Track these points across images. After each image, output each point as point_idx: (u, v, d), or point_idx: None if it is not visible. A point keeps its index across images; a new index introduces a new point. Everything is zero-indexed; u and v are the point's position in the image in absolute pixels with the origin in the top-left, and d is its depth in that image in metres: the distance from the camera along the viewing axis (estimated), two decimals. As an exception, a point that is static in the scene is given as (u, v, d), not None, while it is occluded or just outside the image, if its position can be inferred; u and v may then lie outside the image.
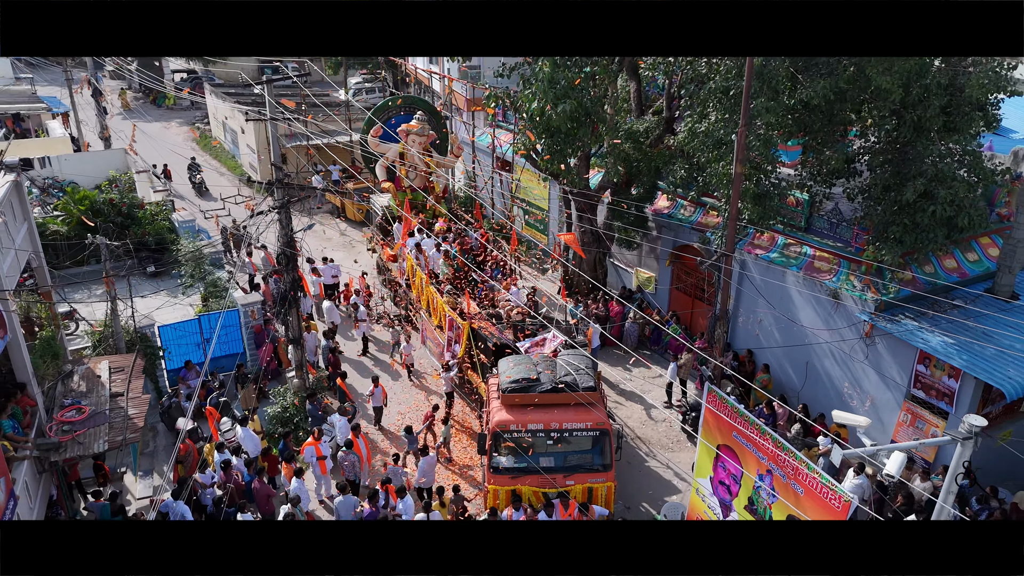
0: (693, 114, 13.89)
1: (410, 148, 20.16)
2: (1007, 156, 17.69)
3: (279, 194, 13.79)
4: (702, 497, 11.21)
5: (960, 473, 7.69)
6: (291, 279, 14.48)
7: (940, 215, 12.42)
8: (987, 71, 12.09)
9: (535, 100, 13.89)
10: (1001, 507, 12.45)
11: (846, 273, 14.41)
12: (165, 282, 20.35)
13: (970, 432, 7.24)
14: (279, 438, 13.78)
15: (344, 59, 43.49)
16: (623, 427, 15.11)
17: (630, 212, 17.47)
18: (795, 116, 12.96)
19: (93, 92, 28.56)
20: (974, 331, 12.99)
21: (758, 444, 9.65)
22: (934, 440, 8.89)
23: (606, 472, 11.91)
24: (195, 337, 15.99)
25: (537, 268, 22.35)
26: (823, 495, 8.69)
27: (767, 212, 13.95)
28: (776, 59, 11.83)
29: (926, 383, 13.23)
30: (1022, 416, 13.98)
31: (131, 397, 11.69)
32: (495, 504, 11.72)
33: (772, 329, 16.07)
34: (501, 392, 12.22)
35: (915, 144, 12.66)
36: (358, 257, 23.48)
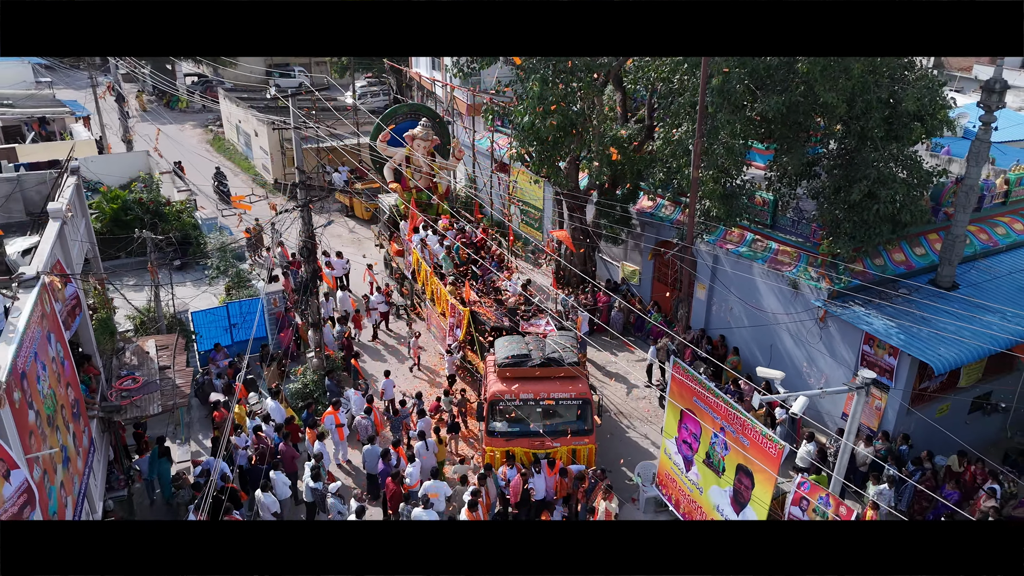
0: (666, 125, 15.68)
1: (415, 152, 21.94)
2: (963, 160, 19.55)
3: (301, 195, 15.57)
4: (669, 455, 13.01)
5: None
6: (311, 270, 16.28)
7: (883, 212, 14.19)
8: (920, 88, 13.87)
9: (526, 115, 15.72)
10: (933, 468, 14.24)
11: (804, 265, 16.20)
12: (189, 274, 22.21)
13: (863, 383, 9.01)
14: (302, 409, 15.60)
15: (350, 63, 45.32)
16: (602, 399, 16.86)
17: (616, 211, 19.27)
18: (755, 127, 14.75)
19: (116, 97, 30.32)
20: (914, 316, 14.77)
21: (713, 406, 11.44)
22: (835, 389, 10.61)
23: (588, 436, 13.73)
24: (223, 322, 17.81)
25: (532, 262, 24.17)
26: (763, 444, 10.47)
27: (733, 211, 15.73)
28: (736, 77, 13.60)
29: (871, 361, 15.02)
30: (959, 392, 15.75)
31: (177, 370, 13.50)
32: (491, 462, 13.52)
33: (741, 316, 17.85)
34: (497, 367, 14.04)
35: (861, 151, 14.44)
36: (366, 252, 25.28)
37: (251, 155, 34.68)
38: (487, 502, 12.93)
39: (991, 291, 16.06)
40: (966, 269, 16.71)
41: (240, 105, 34.99)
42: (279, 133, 30.74)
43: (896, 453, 14.50)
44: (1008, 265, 17.21)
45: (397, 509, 13.13)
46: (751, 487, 10.94)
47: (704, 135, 14.58)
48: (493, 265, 19.11)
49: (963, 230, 15.60)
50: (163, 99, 47.55)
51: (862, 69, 13.24)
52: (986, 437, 16.31)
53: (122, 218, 21.81)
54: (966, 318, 14.42)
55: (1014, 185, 18.38)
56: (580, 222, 20.05)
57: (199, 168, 30.97)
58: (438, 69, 33.55)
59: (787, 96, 13.55)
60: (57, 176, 13.56)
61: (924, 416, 14.97)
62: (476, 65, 16.93)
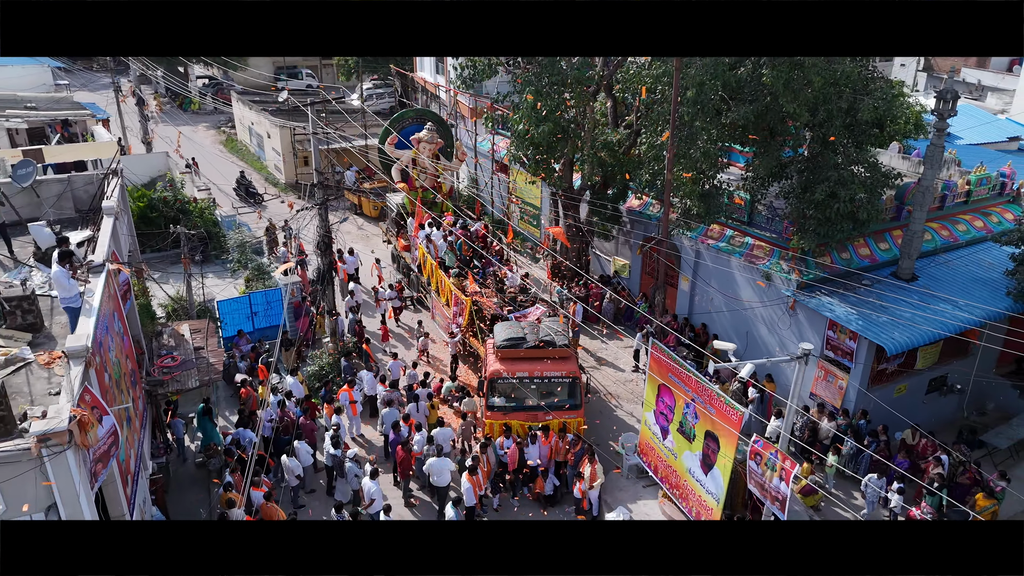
0: (648, 131, 17.26)
1: (421, 154, 23.53)
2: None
3: (319, 194, 17.18)
4: (649, 426, 14.59)
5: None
6: (327, 262, 17.88)
7: (843, 211, 15.72)
8: (877, 97, 15.39)
9: (521, 123, 17.30)
10: (887, 440, 15.79)
11: (777, 259, 17.75)
12: (210, 267, 23.83)
13: (803, 354, 10.58)
14: (319, 389, 17.22)
15: (357, 67, 46.85)
16: (591, 379, 18.46)
17: (607, 209, 20.84)
18: (730, 132, 16.31)
19: (137, 101, 31.96)
20: (874, 304, 16.32)
21: (685, 379, 13.02)
22: (779, 358, 12.20)
23: (577, 410, 15.33)
24: (246, 310, 19.43)
25: (531, 256, 25.77)
26: (726, 411, 12.04)
27: (711, 209, 17.29)
28: (711, 88, 15.15)
29: (834, 345, 16.58)
30: (916, 374, 17.31)
31: (210, 350, 15.12)
32: (490, 434, 15.12)
33: (721, 305, 19.42)
34: (496, 349, 15.64)
35: (824, 155, 15.99)
36: (374, 248, 26.89)
37: (263, 156, 36.28)
38: (487, 469, 14.53)
39: (948, 283, 17.58)
40: (927, 263, 18.26)
41: (253, 108, 36.58)
42: (291, 135, 32.37)
43: (856, 427, 16.07)
44: (966, 259, 18.72)
45: (407, 474, 14.76)
46: (717, 450, 12.51)
47: (679, 141, 16.14)
48: (494, 259, 20.70)
49: (921, 227, 17.12)
50: (176, 101, 49.19)
51: (823, 81, 14.78)
52: (942, 415, 17.88)
53: (148, 215, 23.45)
54: (920, 306, 15.97)
55: (975, 185, 19.92)
56: (574, 220, 21.62)
57: (219, 169, 32.56)
58: (441, 73, 35.14)
59: (755, 105, 15.11)
60: (103, 177, 15.18)
61: (883, 395, 16.54)
62: (477, 77, 18.50)
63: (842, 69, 15.23)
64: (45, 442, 7.05)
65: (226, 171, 32.69)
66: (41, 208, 14.74)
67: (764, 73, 14.40)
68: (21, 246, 13.66)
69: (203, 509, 14.55)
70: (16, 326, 10.56)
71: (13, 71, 42.26)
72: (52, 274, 9.77)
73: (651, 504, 14.51)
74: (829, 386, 16.85)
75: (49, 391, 9.24)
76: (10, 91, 39.47)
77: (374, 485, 13.58)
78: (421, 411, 15.79)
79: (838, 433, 15.79)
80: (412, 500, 15.02)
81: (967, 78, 49.05)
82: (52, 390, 9.22)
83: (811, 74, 14.61)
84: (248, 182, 31.43)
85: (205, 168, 32.57)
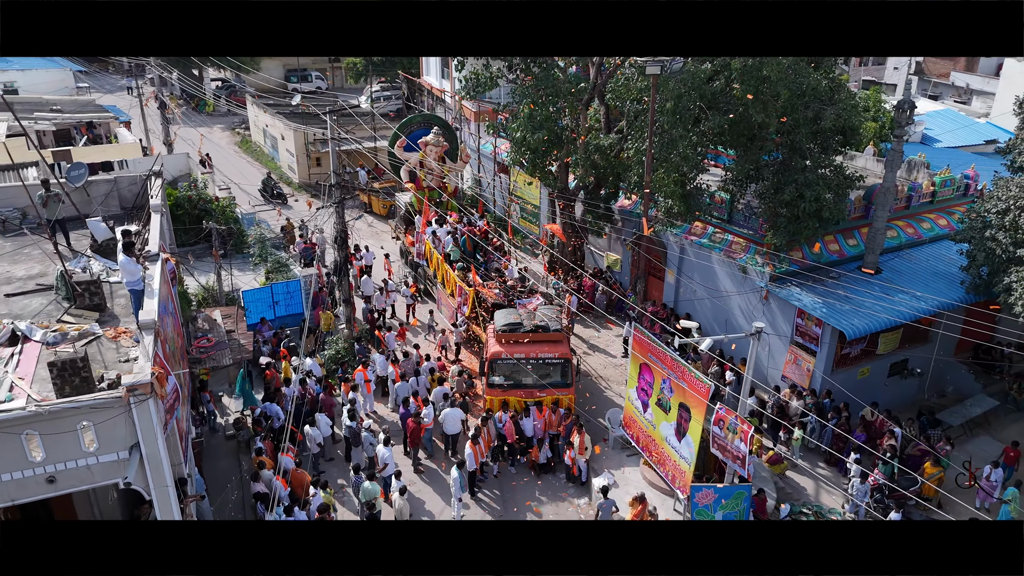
0: (634, 137, 19.00)
1: (428, 156, 25.29)
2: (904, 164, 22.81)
3: (336, 194, 18.96)
4: (631, 402, 16.33)
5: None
6: (343, 256, 19.67)
7: (808, 210, 17.42)
8: (838, 108, 17.08)
9: (519, 131, 19.07)
10: (848, 417, 17.48)
11: (753, 254, 19.45)
12: (231, 260, 25.63)
13: (755, 331, 12.32)
14: (335, 370, 19.01)
15: (366, 70, 48.65)
16: (582, 361, 20.23)
17: (600, 208, 22.57)
18: (709, 139, 18.02)
19: (160, 105, 33.78)
20: (839, 295, 18.02)
21: (662, 357, 14.75)
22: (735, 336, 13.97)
23: (568, 388, 17.09)
24: (268, 300, 21.24)
25: (530, 252, 27.53)
26: (696, 384, 13.76)
27: (691, 208, 19.02)
28: (689, 99, 16.86)
29: (802, 331, 18.30)
30: (878, 358, 19.00)
31: (240, 333, 16.92)
32: (490, 408, 16.89)
33: (704, 296, 21.15)
34: (496, 333, 17.40)
35: (791, 160, 17.69)
36: (383, 244, 28.68)
37: (278, 157, 38.11)
38: (488, 439, 16.30)
39: (909, 275, 19.29)
40: (892, 257, 19.96)
41: (267, 111, 38.39)
42: (305, 137, 34.19)
43: (820, 405, 17.79)
44: (928, 254, 20.42)
45: (416, 444, 16.55)
46: (689, 419, 14.25)
47: (661, 147, 17.83)
48: (495, 253, 22.47)
49: (883, 225, 18.82)
50: (192, 103, 51.06)
51: (789, 94, 16.47)
52: (903, 397, 19.59)
53: (175, 213, 25.23)
54: (880, 297, 17.67)
55: (940, 187, 21.60)
56: (570, 218, 23.37)
57: (238, 169, 34.35)
58: (447, 78, 36.91)
59: (729, 116, 16.83)
60: (146, 178, 16.98)
61: (847, 377, 18.28)
62: (480, 88, 20.26)
63: (807, 82, 16.94)
64: (133, 392, 8.83)
65: (243, 170, 34.52)
66: (91, 205, 16.54)
67: (735, 87, 16.10)
68: (76, 239, 15.47)
69: (234, 475, 16.34)
70: (85, 306, 12.37)
71: (37, 74, 44.28)
72: (120, 261, 11.55)
73: (633, 471, 16.26)
74: (798, 368, 18.58)
75: (118, 359, 11.04)
76: (36, 94, 41.45)
77: (387, 451, 15.39)
78: (422, 384, 17.61)
79: (804, 411, 17.53)
80: (420, 468, 16.81)
81: (956, 82, 50.61)
82: (120, 359, 11.02)
83: (779, 87, 16.30)
84: (274, 183, 33.24)
85: (224, 167, 34.36)
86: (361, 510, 14.79)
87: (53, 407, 8.64)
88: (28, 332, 11.47)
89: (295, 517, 13.33)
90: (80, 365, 9.76)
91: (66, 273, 12.40)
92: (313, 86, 57.99)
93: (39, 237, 15.23)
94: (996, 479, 15.77)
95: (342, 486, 16.17)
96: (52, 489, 9.09)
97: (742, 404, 13.54)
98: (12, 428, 8.58)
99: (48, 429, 8.70)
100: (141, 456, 9.17)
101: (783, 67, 16.48)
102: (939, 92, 51.25)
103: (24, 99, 39.70)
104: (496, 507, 15.90)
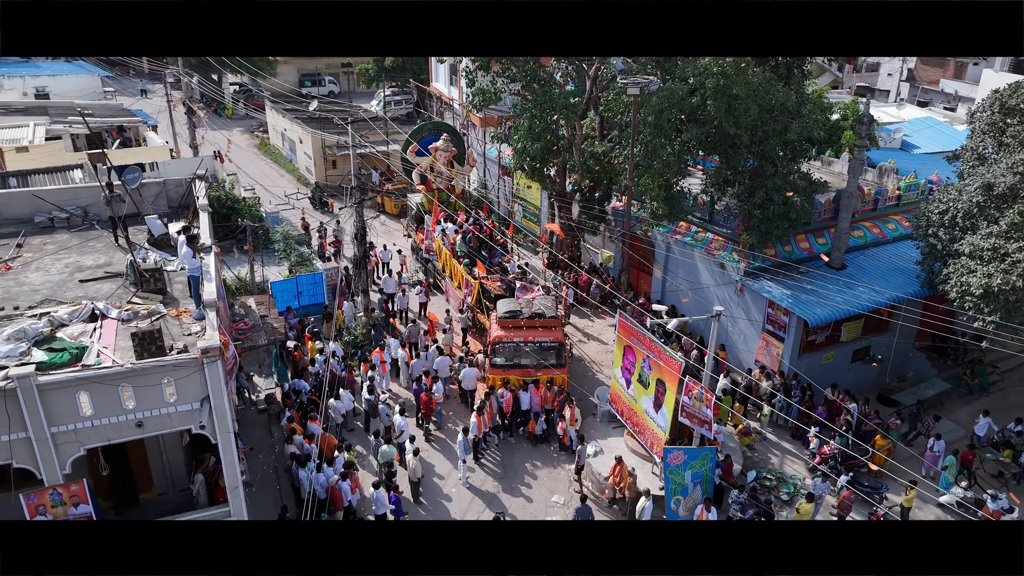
0: (622, 147, 21.19)
1: (437, 160, 27.54)
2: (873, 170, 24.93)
3: (356, 196, 21.21)
4: (617, 380, 18.52)
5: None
6: (362, 251, 21.94)
7: (776, 211, 19.56)
8: (803, 122, 19.21)
9: (519, 142, 21.32)
10: (811, 395, 19.60)
11: (730, 251, 21.60)
12: (258, 254, 27.93)
13: (715, 314, 14.48)
14: (354, 354, 21.28)
15: (377, 75, 50.88)
16: (574, 346, 22.44)
17: (595, 209, 24.77)
18: (689, 148, 20.19)
19: (187, 111, 36.15)
20: (806, 288, 20.15)
21: (642, 339, 16.94)
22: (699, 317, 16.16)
23: (561, 368, 19.30)
24: (293, 290, 23.52)
25: (531, 249, 29.76)
26: (669, 362, 15.94)
27: (675, 210, 21.18)
28: (668, 114, 19.03)
29: (772, 320, 20.45)
30: (841, 345, 21.12)
31: (272, 318, 19.19)
32: (493, 384, 19.12)
33: (687, 289, 23.30)
34: (498, 319, 19.62)
35: (763, 167, 19.83)
36: (395, 241, 30.95)
37: (295, 159, 40.44)
38: (491, 411, 18.52)
39: (872, 271, 21.39)
40: (857, 255, 22.08)
41: (286, 116, 40.72)
42: (322, 141, 36.49)
43: (787, 386, 19.93)
44: (892, 252, 22.52)
45: (428, 415, 18.79)
46: (664, 392, 16.43)
47: (644, 155, 19.99)
48: (498, 249, 24.71)
49: (847, 225, 20.94)
50: (211, 107, 53.45)
51: (759, 109, 18.62)
52: (865, 380, 21.69)
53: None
54: (843, 289, 19.79)
55: (904, 191, 23.71)
56: (567, 218, 25.57)
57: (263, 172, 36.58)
58: (455, 86, 39.14)
59: (706, 128, 19.02)
60: (191, 180, 19.26)
61: (813, 362, 20.40)
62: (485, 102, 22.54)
63: (776, 98, 19.09)
64: (206, 354, 11.07)
65: (263, 171, 36.80)
66: (144, 204, 18.83)
67: (709, 104, 18.27)
68: (132, 234, 17.75)
69: (266, 443, 18.59)
70: (150, 290, 14.66)
71: (68, 80, 46.78)
72: (183, 253, 13.80)
73: (617, 440, 18.43)
74: (769, 353, 20.73)
75: (181, 333, 13.30)
76: (68, 99, 43.87)
77: (402, 420, 17.65)
78: (431, 359, 19.88)
79: (772, 390, 19.69)
80: (431, 437, 19.06)
81: (945, 88, 52.53)
82: (184, 333, 13.29)
83: (749, 103, 18.45)
84: (322, 192, 35.43)
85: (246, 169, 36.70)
86: (380, 470, 17.03)
87: (145, 365, 10.91)
88: (105, 311, 13.77)
89: (324, 473, 15.57)
90: (156, 336, 12.04)
91: (135, 262, 14.69)
92: (326, 90, 60.39)
93: (101, 231, 17.58)
94: (939, 450, 17.88)
95: (362, 453, 18.42)
96: (139, 432, 11.36)
97: (706, 376, 15.70)
98: (112, 382, 10.85)
99: (139, 383, 10.97)
100: (210, 407, 11.42)
101: (753, 85, 18.64)
102: (929, 98, 53.14)
103: (57, 103, 42.15)
104: (497, 471, 18.14)
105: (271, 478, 17.33)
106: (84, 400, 10.78)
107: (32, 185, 23.59)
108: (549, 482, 17.83)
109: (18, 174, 25.24)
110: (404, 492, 16.77)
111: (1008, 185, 16.11)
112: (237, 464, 12.14)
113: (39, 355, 12.05)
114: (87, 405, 10.81)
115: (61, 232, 17.82)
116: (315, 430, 17.04)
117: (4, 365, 11.69)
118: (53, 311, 13.60)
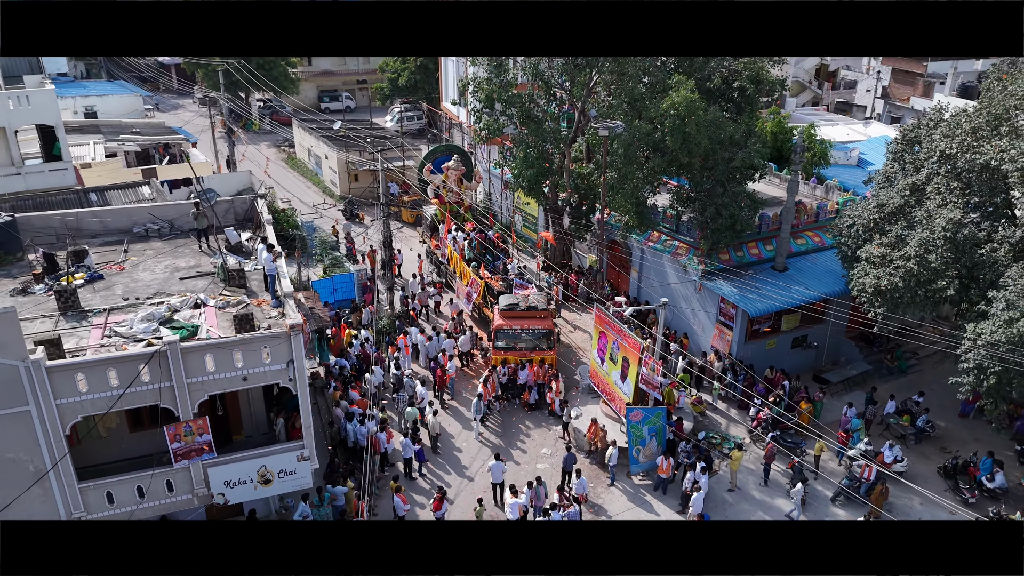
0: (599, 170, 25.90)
1: (449, 178, 32.29)
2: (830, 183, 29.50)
3: (384, 209, 25.92)
4: (594, 358, 23.15)
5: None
6: (388, 255, 26.65)
7: (724, 224, 24.12)
8: (746, 152, 23.80)
9: (516, 168, 26.11)
10: (753, 374, 24.17)
11: (692, 256, 26.17)
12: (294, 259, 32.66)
13: (661, 304, 19.10)
14: (381, 339, 26.01)
15: (391, 92, 55.55)
16: (562, 334, 27.11)
17: (583, 220, 29.42)
18: (656, 172, 24.83)
19: (227, 131, 40.95)
20: (751, 287, 24.71)
21: (611, 325, 21.57)
22: (650, 306, 20.86)
23: (551, 350, 23.98)
24: (329, 288, 28.25)
25: (529, 254, 34.48)
26: (632, 342, 20.55)
27: (644, 221, 25.83)
28: (635, 147, 23.64)
29: (724, 312, 25.04)
30: (782, 334, 25.66)
31: (318, 309, 23.90)
32: (495, 362, 23.80)
33: (659, 289, 27.90)
34: (500, 311, 24.31)
35: (714, 187, 24.42)
36: (412, 247, 35.68)
37: (321, 173, 45.23)
38: (493, 384, 23.19)
39: (809, 273, 25.92)
40: (799, 259, 26.63)
41: (312, 134, 45.52)
42: (345, 156, 41.25)
43: (734, 365, 24.52)
44: (828, 258, 27.00)
45: (443, 387, 23.50)
46: (628, 367, 21.04)
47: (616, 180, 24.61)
48: (500, 254, 29.42)
49: (787, 235, 25.50)
50: (240, 122, 58.30)
51: (708, 141, 23.21)
52: (803, 364, 26.23)
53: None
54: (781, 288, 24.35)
55: (842, 206, 28.26)
56: (560, 227, 30.24)
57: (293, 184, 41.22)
58: (463, 106, 43.80)
59: (666, 156, 23.68)
60: (253, 198, 23.99)
61: (758, 347, 24.96)
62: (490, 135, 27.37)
63: (726, 132, 23.70)
64: (292, 328, 15.76)
65: (292, 183, 41.53)
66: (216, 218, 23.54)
67: (666, 138, 22.90)
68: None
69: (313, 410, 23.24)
70: (235, 285, 19.38)
71: (113, 100, 51.74)
72: (264, 257, 18.49)
73: (595, 407, 23.05)
74: (722, 340, 25.31)
75: (264, 317, 17.98)
76: (115, 117, 48.79)
77: (423, 389, 22.34)
78: (441, 342, 24.60)
79: (721, 371, 24.28)
80: (446, 405, 23.74)
81: (915, 106, 56.97)
82: (266, 316, 17.97)
83: (701, 137, 23.06)
84: (354, 205, 39.98)
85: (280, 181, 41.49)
86: (406, 427, 21.69)
87: (251, 337, 15.61)
88: (205, 300, 18.49)
89: (366, 426, 20.24)
90: (250, 318, 16.76)
91: (225, 264, 19.42)
92: (343, 105, 65.27)
93: (187, 240, 22.32)
94: (851, 415, 22.43)
95: (392, 417, 23.11)
96: (244, 384, 16.04)
97: (656, 352, 20.33)
98: (228, 348, 15.54)
99: (246, 349, 15.65)
100: (294, 368, 16.11)
101: (705, 122, 23.25)
102: (901, 114, 57.52)
103: (107, 122, 47.09)
104: (499, 431, 22.79)
105: (319, 434, 22.00)
106: (209, 360, 15.47)
107: (111, 201, 28.49)
108: (540, 439, 22.48)
109: (96, 189, 29.97)
110: (426, 445, 21.44)
111: (896, 205, 20.67)
112: (309, 409, 16.81)
113: (165, 332, 16.77)
114: (211, 363, 15.49)
115: (155, 240, 22.54)
116: (355, 397, 21.72)
117: (143, 338, 16.47)
118: (167, 300, 18.34)
